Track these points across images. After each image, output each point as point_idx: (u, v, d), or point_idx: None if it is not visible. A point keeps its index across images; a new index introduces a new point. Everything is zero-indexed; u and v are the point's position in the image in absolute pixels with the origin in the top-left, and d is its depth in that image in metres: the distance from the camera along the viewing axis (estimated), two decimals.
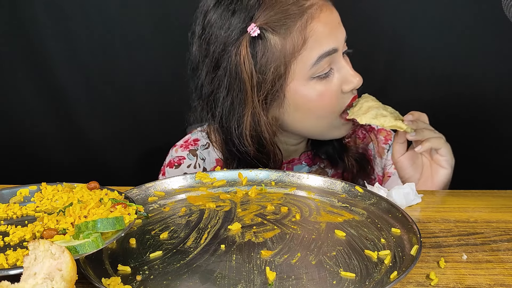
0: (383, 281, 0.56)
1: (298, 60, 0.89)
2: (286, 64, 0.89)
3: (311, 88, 0.91)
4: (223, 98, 0.92)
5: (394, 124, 0.88)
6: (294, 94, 0.91)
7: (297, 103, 0.92)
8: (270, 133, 0.93)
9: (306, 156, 1.08)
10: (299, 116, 0.94)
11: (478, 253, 0.65)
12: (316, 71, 0.90)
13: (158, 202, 0.78)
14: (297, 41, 0.88)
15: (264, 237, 0.66)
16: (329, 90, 0.92)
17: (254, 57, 0.88)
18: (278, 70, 0.89)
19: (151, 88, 1.49)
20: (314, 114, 0.94)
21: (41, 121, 1.50)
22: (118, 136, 1.54)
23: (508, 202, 0.82)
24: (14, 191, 0.73)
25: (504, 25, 0.94)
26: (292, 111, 0.94)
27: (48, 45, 1.43)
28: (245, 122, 0.91)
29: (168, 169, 1.08)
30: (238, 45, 0.88)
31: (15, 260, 0.54)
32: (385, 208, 0.73)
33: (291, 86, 0.91)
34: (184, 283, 0.56)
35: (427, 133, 0.89)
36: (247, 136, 0.92)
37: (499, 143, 1.47)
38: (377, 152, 1.11)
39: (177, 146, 1.11)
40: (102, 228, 0.56)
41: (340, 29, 0.93)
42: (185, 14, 1.22)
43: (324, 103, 0.92)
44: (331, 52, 0.90)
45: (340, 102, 0.94)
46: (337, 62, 0.92)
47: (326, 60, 0.90)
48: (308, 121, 0.95)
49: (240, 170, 0.86)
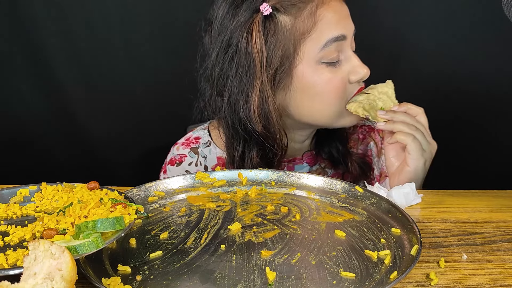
0: (383, 281, 0.56)
1: (307, 42, 0.91)
2: (295, 45, 0.91)
3: (318, 73, 0.92)
4: (233, 75, 0.94)
5: (356, 110, 0.93)
6: (301, 77, 0.93)
7: (303, 87, 0.93)
8: (276, 113, 0.94)
9: (308, 155, 1.08)
10: (306, 101, 0.95)
11: (478, 253, 0.65)
12: (325, 55, 0.92)
13: (158, 202, 0.78)
14: (307, 23, 0.90)
15: (264, 237, 0.66)
16: (336, 78, 0.93)
17: (265, 35, 0.91)
18: (287, 50, 0.91)
19: (151, 88, 1.49)
20: (321, 101, 0.94)
21: (41, 121, 1.50)
22: (118, 136, 1.54)
23: (508, 202, 0.82)
24: (14, 191, 0.73)
25: (504, 25, 0.94)
26: (299, 95, 0.94)
27: (48, 45, 1.43)
28: (253, 98, 0.92)
29: (170, 167, 1.08)
30: (250, 23, 0.90)
31: (15, 260, 0.54)
32: (385, 208, 0.73)
33: (298, 68, 0.92)
34: (184, 283, 0.56)
35: (397, 126, 0.90)
36: (255, 112, 0.93)
37: (499, 143, 1.47)
38: (376, 152, 1.11)
39: (178, 144, 1.11)
40: (102, 228, 0.56)
41: (349, 21, 0.95)
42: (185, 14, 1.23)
43: (331, 90, 0.93)
44: (340, 38, 0.92)
45: (347, 90, 0.95)
46: (345, 51, 0.94)
47: (334, 45, 0.91)
48: (315, 107, 0.95)
49: (240, 170, 0.86)
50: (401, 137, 0.90)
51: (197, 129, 1.12)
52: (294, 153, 1.07)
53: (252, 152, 0.97)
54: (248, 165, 0.97)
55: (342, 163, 1.06)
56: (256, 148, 0.97)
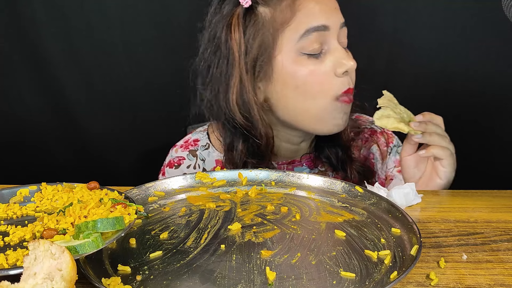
0: (383, 281, 0.56)
1: (286, 32, 0.91)
2: (274, 35, 0.92)
3: (300, 65, 0.92)
4: (214, 66, 0.97)
5: (396, 126, 0.85)
6: (281, 68, 0.92)
7: (284, 78, 0.93)
8: (257, 104, 0.95)
9: (307, 158, 1.08)
10: (289, 95, 0.94)
11: (478, 253, 0.65)
12: (304, 46, 0.91)
13: (158, 202, 0.78)
14: (286, 13, 0.91)
15: (264, 237, 0.66)
16: (319, 70, 0.92)
17: (244, 27, 0.93)
18: (266, 40, 0.92)
19: (151, 88, 1.49)
20: (303, 94, 0.93)
21: (41, 121, 1.50)
22: (118, 136, 1.54)
23: (508, 202, 0.82)
24: (14, 191, 0.73)
25: (504, 25, 0.94)
26: (280, 87, 0.94)
27: (48, 45, 1.43)
28: (232, 89, 0.95)
29: (168, 169, 1.08)
30: (231, 15, 0.93)
31: (15, 260, 0.54)
32: (385, 208, 0.73)
33: (278, 59, 0.92)
34: (184, 283, 0.56)
35: (434, 139, 0.87)
36: (234, 101, 0.95)
37: (500, 143, 1.47)
38: (379, 155, 1.10)
39: (177, 146, 1.11)
40: (102, 228, 0.56)
41: (333, 12, 0.93)
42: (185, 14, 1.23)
43: (313, 82, 0.92)
44: (320, 28, 0.90)
45: (334, 84, 0.93)
46: (330, 43, 0.92)
47: (314, 36, 0.90)
48: (300, 101, 0.94)
49: (240, 170, 0.86)
50: (438, 152, 0.86)
51: (196, 131, 1.12)
52: (291, 155, 1.06)
53: (237, 142, 0.99)
54: (236, 156, 0.99)
55: (340, 169, 1.05)
56: (241, 139, 0.98)
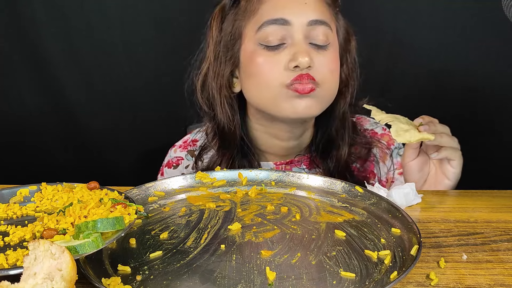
0: (383, 281, 0.56)
1: (251, 23, 0.95)
2: (242, 25, 0.96)
3: (256, 54, 0.94)
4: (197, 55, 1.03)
5: (421, 137, 0.83)
6: (244, 56, 0.97)
7: (245, 65, 0.97)
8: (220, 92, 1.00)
9: (305, 159, 1.07)
10: (248, 83, 0.97)
11: (478, 253, 0.65)
12: (264, 36, 0.93)
13: (158, 202, 0.78)
14: (254, 3, 0.95)
15: (264, 237, 0.66)
16: (270, 61, 0.93)
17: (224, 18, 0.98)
18: (237, 30, 0.97)
19: (151, 88, 1.49)
20: (257, 82, 0.95)
21: (41, 121, 1.50)
22: (118, 136, 1.54)
23: (508, 202, 0.82)
24: (14, 191, 0.73)
25: (504, 25, 0.94)
26: (243, 76, 0.98)
27: (48, 45, 1.43)
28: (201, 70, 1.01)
29: (167, 169, 1.08)
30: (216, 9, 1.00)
31: (15, 260, 0.54)
32: (385, 208, 0.73)
33: (242, 48, 0.97)
34: (184, 283, 0.56)
35: (446, 140, 0.87)
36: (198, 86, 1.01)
37: (500, 142, 1.47)
38: (380, 157, 1.10)
39: (176, 146, 1.11)
40: (102, 228, 0.56)
41: (302, 8, 0.93)
42: (185, 14, 1.23)
43: (263, 72, 0.93)
44: (279, 21, 0.91)
45: (282, 74, 0.92)
46: (292, 37, 0.92)
47: (274, 28, 0.92)
48: (255, 90, 0.97)
49: (240, 170, 0.86)
50: (451, 153, 0.87)
51: (195, 131, 1.12)
52: (284, 153, 1.05)
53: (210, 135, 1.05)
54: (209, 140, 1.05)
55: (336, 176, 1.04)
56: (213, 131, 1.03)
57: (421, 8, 1.41)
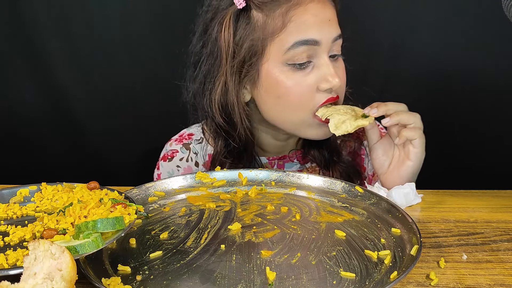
0: (383, 281, 0.56)
1: (275, 42, 0.91)
2: (264, 43, 0.91)
3: (284, 75, 0.91)
4: (203, 61, 0.98)
5: (357, 125, 0.85)
6: (267, 75, 0.92)
7: (268, 86, 0.93)
8: (239, 106, 0.96)
9: (297, 154, 1.08)
10: (271, 102, 0.94)
11: (478, 253, 0.65)
12: (291, 57, 0.90)
13: (158, 202, 0.78)
14: (277, 22, 0.90)
15: (264, 237, 0.66)
16: (302, 83, 0.91)
17: (235, 28, 0.93)
18: (255, 46, 0.92)
19: (151, 88, 1.49)
20: (284, 104, 0.93)
21: (41, 121, 1.50)
22: (118, 136, 1.54)
23: (508, 202, 0.82)
24: (14, 191, 0.73)
25: (504, 25, 0.94)
26: (264, 94, 0.94)
27: (48, 45, 1.43)
28: (216, 88, 0.96)
29: (162, 162, 1.09)
30: (224, 15, 0.93)
31: (15, 260, 0.54)
32: (385, 208, 0.73)
33: (264, 67, 0.92)
34: (184, 283, 0.56)
35: (403, 117, 0.87)
36: (216, 102, 0.96)
37: (500, 142, 1.47)
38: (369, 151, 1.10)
39: (172, 140, 1.12)
40: (102, 228, 0.56)
41: (329, 25, 0.92)
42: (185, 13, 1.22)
43: (295, 94, 0.91)
44: (310, 42, 0.90)
45: (314, 99, 0.92)
46: (319, 57, 0.91)
47: (303, 49, 0.90)
48: (280, 111, 0.94)
49: (240, 170, 0.86)
50: (410, 133, 0.86)
51: (192, 126, 1.13)
52: (279, 150, 1.07)
53: (218, 139, 1.01)
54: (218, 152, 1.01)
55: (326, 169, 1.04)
56: (222, 137, 1.00)
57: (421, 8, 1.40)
